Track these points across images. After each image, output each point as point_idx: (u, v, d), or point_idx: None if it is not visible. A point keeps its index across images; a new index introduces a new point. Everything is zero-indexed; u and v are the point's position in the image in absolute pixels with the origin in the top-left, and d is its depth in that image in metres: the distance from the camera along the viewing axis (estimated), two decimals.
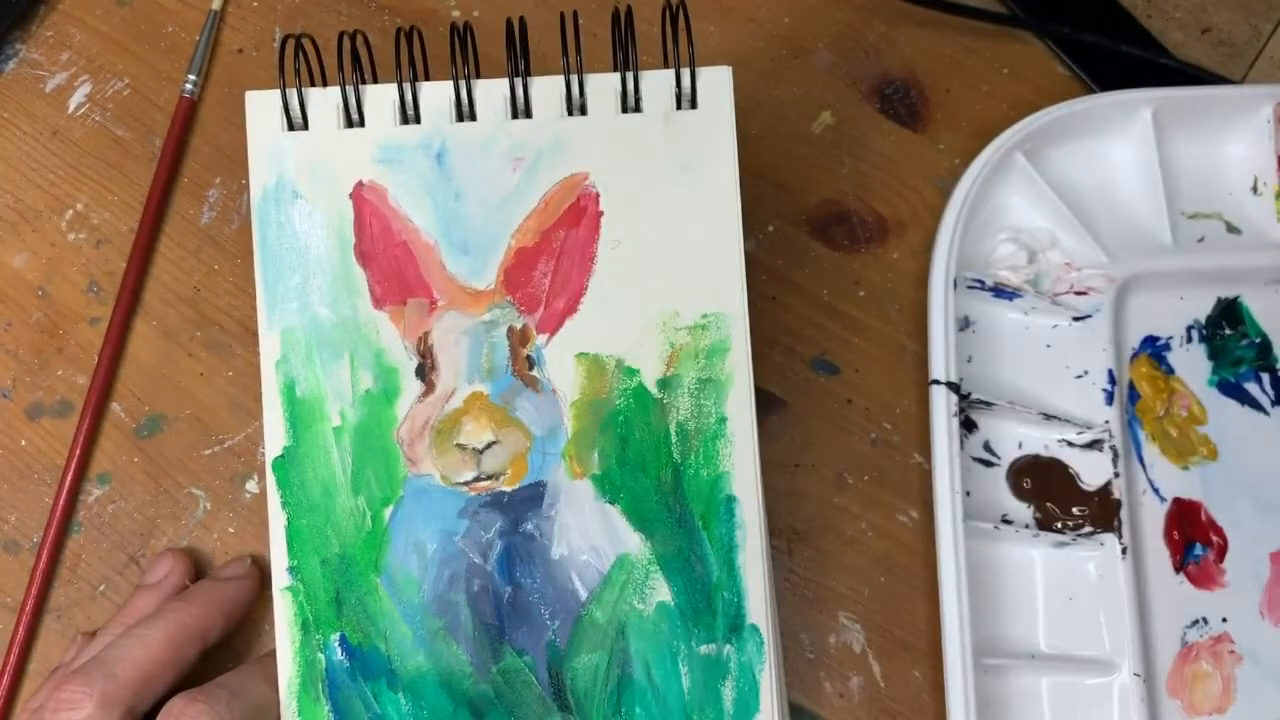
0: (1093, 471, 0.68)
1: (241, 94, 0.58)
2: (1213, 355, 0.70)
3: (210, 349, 0.71)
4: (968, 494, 0.67)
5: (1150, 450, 0.69)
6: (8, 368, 0.72)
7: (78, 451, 0.70)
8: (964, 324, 0.70)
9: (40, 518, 0.70)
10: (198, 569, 0.68)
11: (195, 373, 0.71)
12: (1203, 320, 0.71)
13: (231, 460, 0.70)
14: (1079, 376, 0.70)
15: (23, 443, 0.71)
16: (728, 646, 0.57)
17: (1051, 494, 0.68)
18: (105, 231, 0.73)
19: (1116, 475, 0.68)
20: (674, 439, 0.58)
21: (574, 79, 0.58)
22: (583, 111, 0.59)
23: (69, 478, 0.69)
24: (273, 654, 0.57)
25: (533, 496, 0.57)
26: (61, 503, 0.69)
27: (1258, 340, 0.70)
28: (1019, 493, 0.69)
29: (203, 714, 0.56)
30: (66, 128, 0.75)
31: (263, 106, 0.58)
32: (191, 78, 0.75)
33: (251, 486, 0.70)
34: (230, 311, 0.72)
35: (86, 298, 0.72)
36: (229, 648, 0.66)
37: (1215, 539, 0.68)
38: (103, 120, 0.75)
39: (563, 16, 0.58)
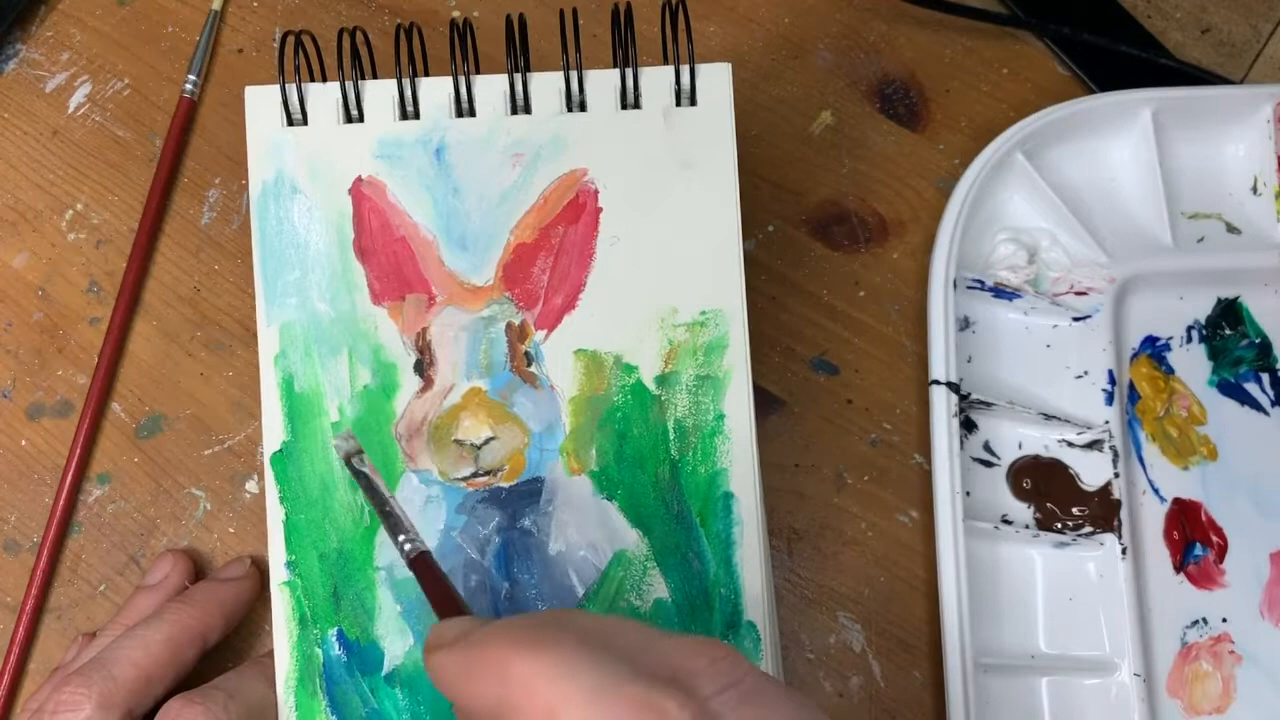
0: (1093, 471, 0.68)
1: (242, 94, 0.59)
2: (1213, 355, 0.70)
3: (210, 349, 0.71)
4: (968, 494, 0.67)
5: (1150, 450, 0.69)
6: (8, 368, 0.72)
7: (78, 451, 0.70)
8: (964, 324, 0.70)
9: (40, 518, 0.70)
10: (198, 569, 0.68)
11: (195, 373, 0.71)
12: (1203, 320, 0.71)
13: (231, 460, 0.70)
14: (1079, 376, 0.70)
15: (23, 443, 0.71)
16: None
17: (1051, 494, 0.68)
18: (105, 231, 0.73)
19: (1116, 475, 0.68)
20: (672, 435, 0.58)
21: (573, 75, 0.58)
22: (582, 108, 0.59)
23: (69, 478, 0.69)
24: (271, 654, 0.57)
25: (530, 492, 0.57)
26: (61, 503, 0.69)
27: (1258, 340, 0.70)
28: (1019, 493, 0.68)
29: (199, 716, 0.56)
30: (66, 128, 0.75)
31: (262, 102, 0.58)
32: (191, 78, 0.75)
33: (251, 486, 0.70)
34: (230, 311, 0.72)
35: (86, 298, 0.72)
36: (229, 648, 0.66)
37: (1215, 539, 0.68)
38: (103, 120, 0.75)
39: (562, 13, 0.58)
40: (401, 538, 0.49)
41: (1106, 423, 0.68)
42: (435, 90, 0.59)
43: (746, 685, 0.41)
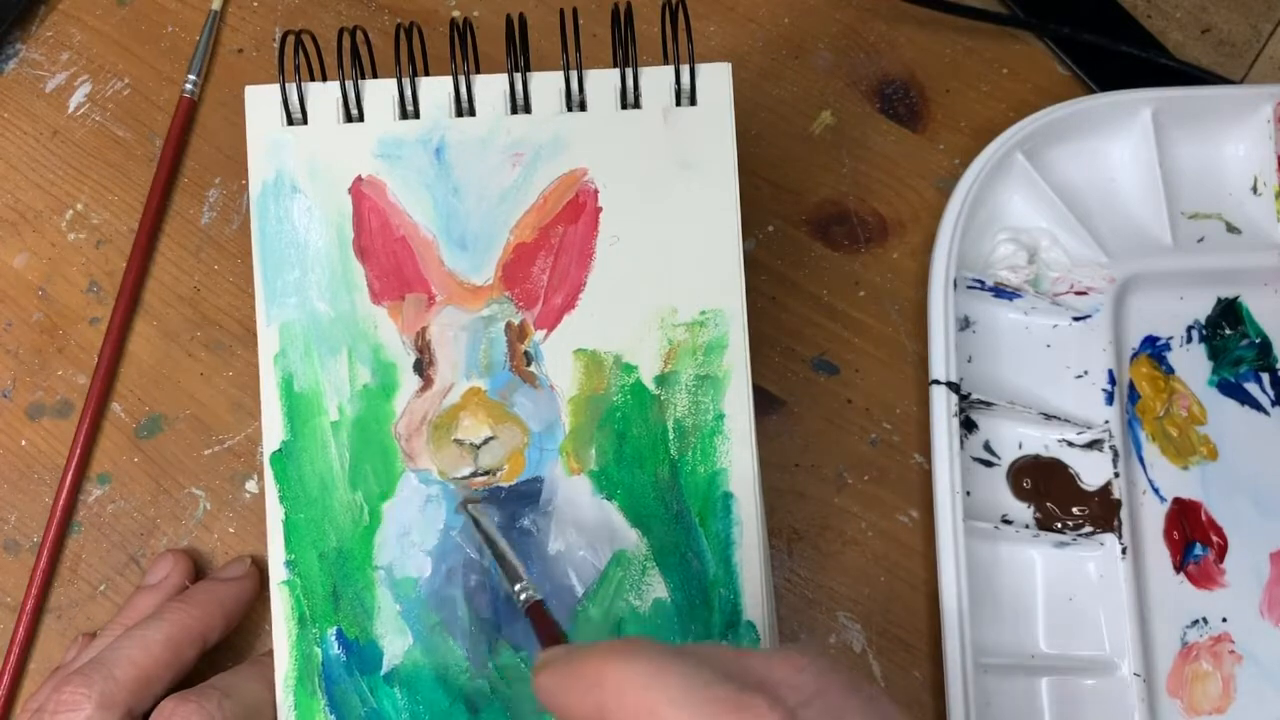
0: (1093, 471, 0.68)
1: (242, 94, 0.59)
2: (1213, 355, 0.70)
3: (210, 349, 0.71)
4: (968, 494, 0.67)
5: (1150, 450, 0.69)
6: (8, 368, 0.72)
7: (78, 451, 0.70)
8: (964, 324, 0.70)
9: (40, 518, 0.70)
10: (198, 569, 0.68)
11: (195, 373, 0.71)
12: (1203, 320, 0.71)
13: (231, 460, 0.70)
14: (1079, 376, 0.70)
15: (23, 443, 0.71)
16: (724, 643, 0.56)
17: (1051, 494, 0.68)
18: (105, 231, 0.73)
19: (1116, 475, 0.68)
20: (671, 435, 0.58)
21: (573, 75, 0.58)
22: (582, 107, 0.59)
23: (69, 478, 0.69)
24: (269, 654, 0.57)
25: (530, 492, 0.57)
26: (61, 503, 0.69)
27: (1258, 340, 0.70)
28: (1019, 493, 0.68)
29: (193, 714, 0.56)
30: (66, 128, 0.75)
31: (262, 101, 0.58)
32: (191, 78, 0.75)
33: (251, 486, 0.70)
34: (230, 311, 0.72)
35: (86, 298, 0.72)
36: (229, 647, 0.66)
37: (1215, 539, 0.68)
38: (103, 120, 0.75)
39: (562, 13, 0.58)
40: (517, 587, 0.52)
41: (1106, 422, 0.68)
42: (435, 90, 0.59)
43: (831, 697, 0.42)
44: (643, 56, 0.58)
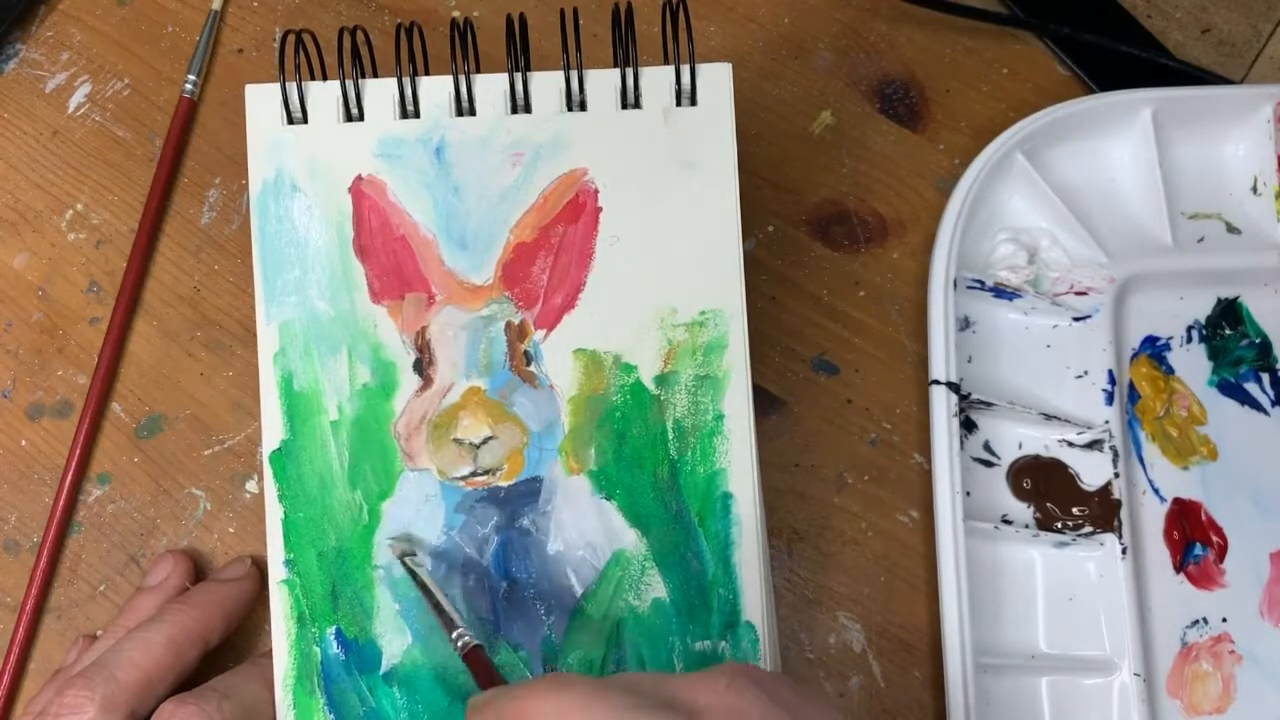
0: (1093, 471, 0.68)
1: (242, 94, 0.59)
2: (1213, 355, 0.70)
3: (210, 349, 0.71)
4: (968, 494, 0.67)
5: (1150, 450, 0.69)
6: (8, 368, 0.72)
7: (78, 451, 0.70)
8: (964, 324, 0.70)
9: (40, 518, 0.69)
10: (198, 569, 0.68)
11: (195, 373, 0.71)
12: (1203, 320, 0.71)
13: (231, 460, 0.70)
14: (1079, 376, 0.69)
15: (23, 443, 0.71)
16: (723, 643, 0.57)
17: (1051, 494, 0.68)
18: (105, 231, 0.73)
19: (1116, 475, 0.68)
20: (671, 435, 0.58)
21: (574, 74, 0.58)
22: (582, 107, 0.59)
23: (69, 478, 0.69)
24: (268, 655, 0.57)
25: (529, 492, 0.57)
26: (61, 503, 0.69)
27: (1258, 340, 0.70)
28: (1019, 493, 0.68)
29: (192, 716, 0.56)
30: (66, 128, 0.75)
31: (262, 100, 0.58)
32: (191, 78, 0.75)
33: (251, 486, 0.70)
34: (230, 311, 0.72)
35: (86, 298, 0.72)
36: (230, 648, 0.66)
37: (1215, 539, 0.68)
38: (103, 120, 0.75)
39: (562, 13, 0.58)
40: (455, 633, 0.53)
41: (1106, 423, 0.68)
42: (435, 89, 0.59)
43: (752, 717, 0.43)
44: (643, 56, 0.58)
